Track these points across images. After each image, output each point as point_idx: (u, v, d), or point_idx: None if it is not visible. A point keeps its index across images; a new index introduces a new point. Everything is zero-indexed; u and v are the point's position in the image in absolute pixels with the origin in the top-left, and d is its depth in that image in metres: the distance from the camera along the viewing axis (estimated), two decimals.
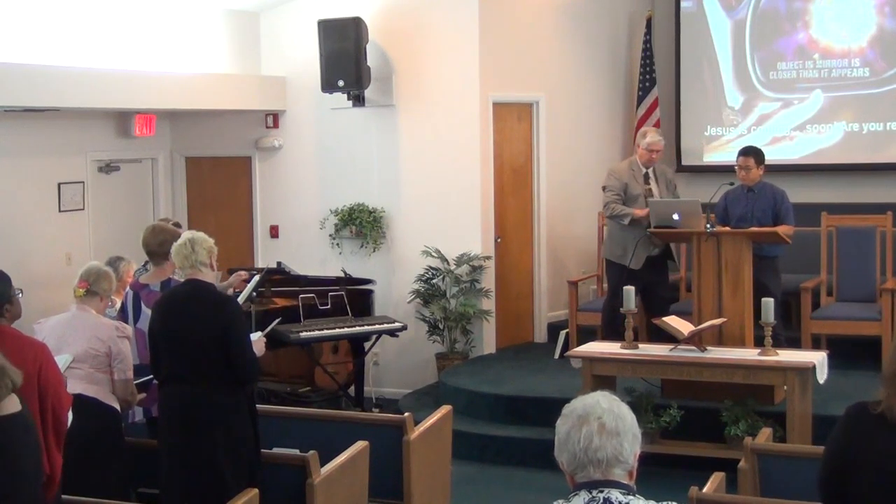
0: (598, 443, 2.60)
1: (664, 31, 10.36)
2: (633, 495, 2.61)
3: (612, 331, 7.94)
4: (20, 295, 4.32)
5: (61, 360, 4.95)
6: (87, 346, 5.15)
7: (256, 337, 5.29)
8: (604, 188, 8.18)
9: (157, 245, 5.87)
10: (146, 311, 5.63)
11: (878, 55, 9.59)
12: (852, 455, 3.18)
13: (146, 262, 6.78)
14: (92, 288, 5.33)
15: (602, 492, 2.60)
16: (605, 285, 8.61)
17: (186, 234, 5.15)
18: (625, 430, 2.62)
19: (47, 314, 5.88)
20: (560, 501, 2.65)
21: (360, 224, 9.26)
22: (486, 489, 7.02)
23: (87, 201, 8.93)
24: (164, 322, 5.04)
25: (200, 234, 5.14)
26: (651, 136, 8.02)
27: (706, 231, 7.18)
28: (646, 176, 8.04)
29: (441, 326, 8.95)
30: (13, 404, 3.36)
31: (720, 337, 7.10)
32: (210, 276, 5.12)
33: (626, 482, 2.63)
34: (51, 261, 8.52)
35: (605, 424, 2.61)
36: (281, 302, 8.33)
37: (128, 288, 6.15)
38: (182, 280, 5.25)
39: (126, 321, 5.81)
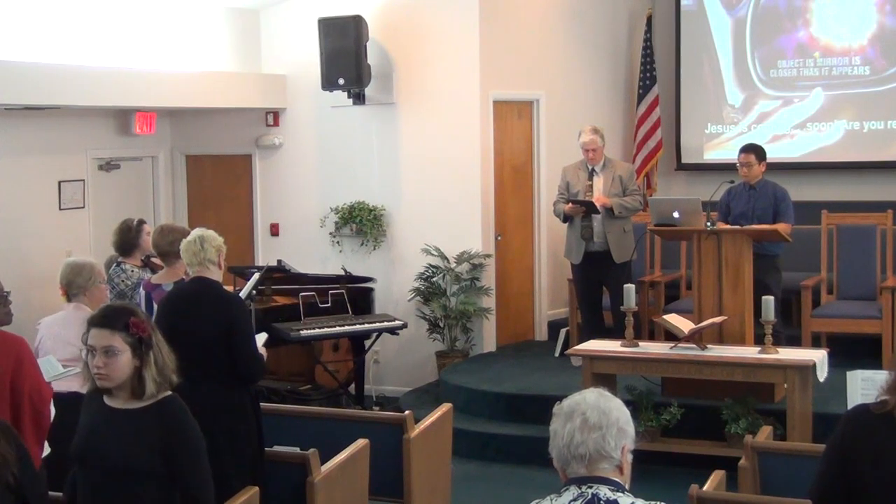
0: (580, 438, 2.62)
1: (664, 28, 10.37)
2: (622, 492, 2.62)
3: (587, 329, 8.08)
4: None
5: (48, 364, 4.97)
6: (81, 344, 5.15)
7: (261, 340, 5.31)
8: None
9: (168, 245, 5.87)
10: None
11: (879, 53, 9.59)
12: (859, 458, 3.13)
13: (119, 260, 6.80)
14: (70, 290, 5.35)
15: (591, 487, 2.61)
16: None
17: (196, 232, 5.17)
18: (608, 424, 2.63)
19: (47, 313, 5.89)
20: (551, 496, 2.66)
21: (361, 222, 9.26)
22: (486, 487, 7.03)
23: (88, 199, 8.93)
24: (170, 320, 5.04)
25: (210, 233, 5.16)
26: (584, 136, 8.08)
27: (706, 229, 7.19)
28: (591, 173, 8.10)
29: (441, 324, 8.95)
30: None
31: (720, 335, 7.10)
32: (217, 274, 5.14)
33: (614, 478, 2.63)
34: (51, 259, 8.48)
35: (588, 420, 2.63)
36: (281, 300, 8.33)
37: (140, 289, 6.15)
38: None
39: None
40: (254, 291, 7.33)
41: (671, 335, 7.15)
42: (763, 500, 4.60)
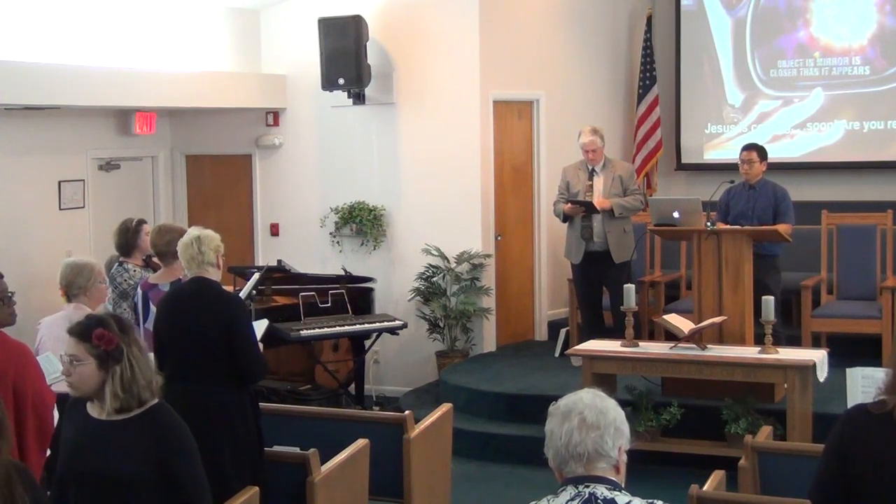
0: (579, 437, 2.63)
1: (664, 28, 10.37)
2: (619, 491, 2.63)
3: (587, 329, 8.10)
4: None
5: (46, 361, 4.96)
6: None
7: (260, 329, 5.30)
8: None
9: (165, 245, 5.86)
10: (154, 311, 5.62)
11: (879, 53, 9.59)
12: (858, 459, 3.13)
13: (120, 260, 6.80)
14: (70, 291, 5.34)
15: (588, 487, 2.62)
16: None
17: (193, 232, 5.10)
18: (606, 423, 2.64)
19: (47, 313, 5.89)
20: (548, 497, 2.67)
21: (361, 222, 9.26)
22: (486, 487, 7.02)
23: (88, 199, 8.93)
24: (169, 320, 5.04)
25: (207, 233, 5.10)
26: (583, 137, 8.08)
27: (706, 229, 7.19)
28: (591, 173, 8.10)
29: (441, 324, 8.95)
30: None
31: (720, 335, 7.10)
32: (216, 274, 5.10)
33: (611, 477, 2.65)
34: (51, 259, 8.47)
35: (585, 419, 2.64)
36: (281, 300, 8.33)
37: (139, 288, 6.15)
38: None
39: (137, 320, 5.83)
40: (254, 291, 7.33)
41: (671, 335, 7.15)
42: (763, 500, 4.61)
